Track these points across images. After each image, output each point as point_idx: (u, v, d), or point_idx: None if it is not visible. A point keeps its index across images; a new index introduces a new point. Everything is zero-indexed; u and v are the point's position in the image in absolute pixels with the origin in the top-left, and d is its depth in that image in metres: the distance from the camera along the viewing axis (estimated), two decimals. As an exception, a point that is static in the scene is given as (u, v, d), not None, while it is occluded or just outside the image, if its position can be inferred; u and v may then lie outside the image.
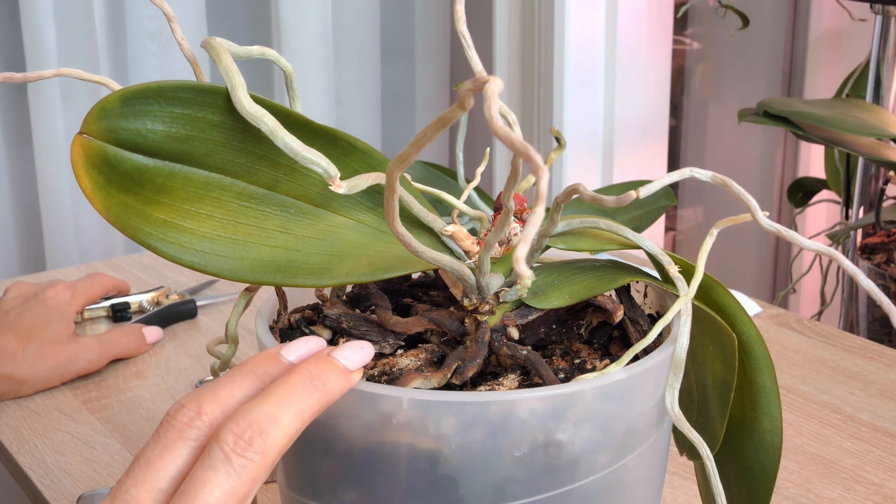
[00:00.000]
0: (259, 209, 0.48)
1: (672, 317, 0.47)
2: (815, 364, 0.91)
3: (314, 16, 1.54)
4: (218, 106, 0.47)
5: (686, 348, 0.47)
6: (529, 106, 1.62)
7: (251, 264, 0.47)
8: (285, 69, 0.52)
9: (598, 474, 0.46)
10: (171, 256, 0.46)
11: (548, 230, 0.49)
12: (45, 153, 1.41)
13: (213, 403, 0.42)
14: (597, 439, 0.46)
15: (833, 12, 1.66)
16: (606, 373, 0.45)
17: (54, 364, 0.86)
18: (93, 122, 0.45)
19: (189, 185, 0.47)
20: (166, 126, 0.46)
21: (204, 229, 0.47)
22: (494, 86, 0.35)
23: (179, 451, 0.41)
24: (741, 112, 1.20)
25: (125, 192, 0.46)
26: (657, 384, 0.48)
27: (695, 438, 0.46)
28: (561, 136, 0.61)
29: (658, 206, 1.02)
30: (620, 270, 0.52)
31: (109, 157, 0.46)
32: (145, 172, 0.46)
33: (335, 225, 0.50)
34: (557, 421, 0.44)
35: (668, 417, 0.48)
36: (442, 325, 0.50)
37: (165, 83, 0.46)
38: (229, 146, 0.47)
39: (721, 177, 0.48)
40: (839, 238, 1.30)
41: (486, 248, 0.47)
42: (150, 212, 0.46)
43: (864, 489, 0.72)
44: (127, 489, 0.40)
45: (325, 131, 0.49)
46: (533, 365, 0.48)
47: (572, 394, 0.45)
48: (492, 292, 0.49)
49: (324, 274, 0.48)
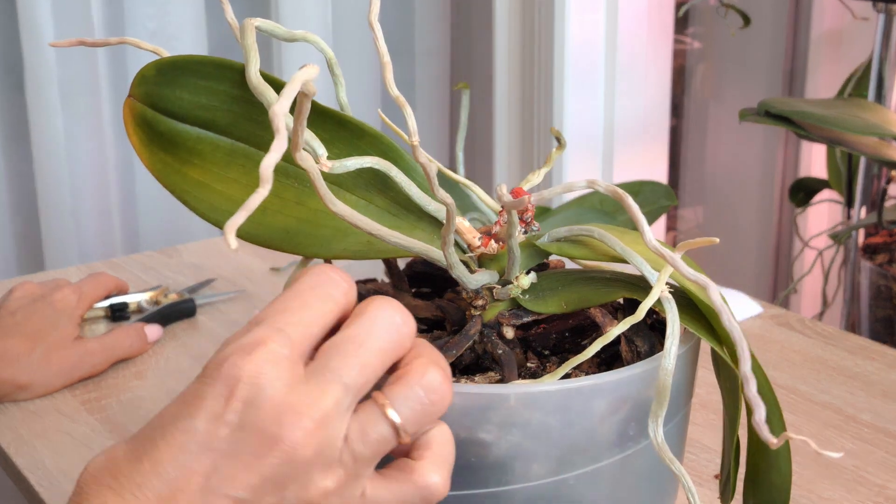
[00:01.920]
0: (279, 180, 0.52)
1: (616, 335, 0.46)
2: (817, 364, 0.90)
3: (314, 16, 1.54)
4: (235, 81, 0.51)
5: (671, 373, 0.45)
6: (529, 106, 1.61)
7: (266, 229, 0.51)
8: (326, 54, 0.55)
9: (532, 483, 0.46)
10: (202, 214, 0.51)
11: (511, 231, 0.49)
12: (43, 152, 1.41)
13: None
14: (528, 447, 0.46)
15: (835, 11, 1.66)
16: (537, 382, 0.45)
17: (58, 370, 0.86)
18: (136, 87, 0.50)
19: (217, 150, 0.51)
20: (192, 95, 0.51)
21: (231, 192, 0.51)
22: (303, 72, 0.39)
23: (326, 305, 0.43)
24: (742, 112, 1.20)
25: (164, 151, 0.51)
26: (614, 404, 0.46)
27: (676, 470, 0.45)
28: (561, 136, 0.61)
29: (658, 206, 1.01)
30: (619, 284, 0.51)
31: (148, 119, 0.50)
32: (178, 135, 0.51)
33: (346, 202, 0.52)
34: (478, 420, 0.45)
35: (651, 442, 0.46)
36: (446, 313, 0.51)
37: (192, 57, 0.51)
38: (250, 119, 0.51)
39: (619, 192, 0.47)
40: (841, 238, 1.30)
41: (444, 243, 0.48)
42: (186, 171, 0.51)
43: (866, 490, 0.72)
44: (281, 327, 0.42)
45: (332, 114, 0.52)
46: (502, 364, 0.48)
47: (493, 396, 0.45)
48: (469, 287, 0.50)
49: (324, 246, 0.51)
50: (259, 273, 1.10)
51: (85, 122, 1.42)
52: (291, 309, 0.42)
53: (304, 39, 0.53)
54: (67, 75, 1.40)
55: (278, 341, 0.41)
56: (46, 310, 0.89)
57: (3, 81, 1.44)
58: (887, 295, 1.16)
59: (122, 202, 1.49)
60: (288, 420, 0.40)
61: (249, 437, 0.40)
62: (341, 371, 0.41)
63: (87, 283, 0.96)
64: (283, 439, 0.40)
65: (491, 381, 0.49)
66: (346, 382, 0.41)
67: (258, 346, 0.41)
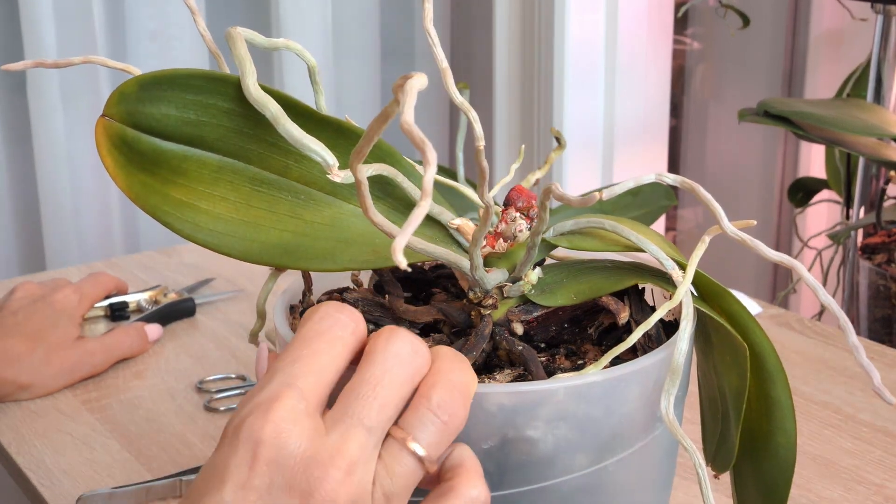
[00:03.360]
0: (270, 194, 0.50)
1: (654, 321, 0.46)
2: (816, 364, 0.90)
3: (314, 16, 1.54)
4: (228, 94, 0.49)
5: (685, 354, 0.46)
6: (529, 106, 1.62)
7: (261, 246, 0.49)
8: (309, 63, 0.53)
9: (576, 474, 0.46)
10: (187, 235, 0.49)
11: (538, 228, 0.49)
12: (45, 153, 1.41)
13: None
14: (573, 439, 0.46)
15: (834, 12, 1.66)
16: (583, 374, 0.45)
17: (59, 370, 0.86)
18: (113, 106, 0.48)
19: (203, 167, 0.49)
20: (179, 111, 0.49)
21: (218, 210, 0.49)
22: (415, 81, 0.37)
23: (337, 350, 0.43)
24: (741, 112, 1.20)
25: (144, 172, 0.48)
26: (645, 388, 0.47)
27: (688, 446, 0.45)
28: (561, 136, 0.61)
29: (658, 206, 1.01)
30: (628, 272, 0.52)
31: (128, 139, 0.48)
32: (161, 154, 0.49)
33: (343, 212, 0.51)
34: (527, 417, 0.45)
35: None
36: (450, 315, 0.51)
37: (178, 71, 0.49)
38: (240, 133, 0.49)
39: (689, 182, 0.48)
40: (840, 238, 1.30)
41: (473, 244, 0.47)
42: (167, 191, 0.49)
43: (865, 489, 0.72)
44: (295, 378, 0.41)
45: (332, 122, 0.51)
46: (525, 361, 0.48)
47: (543, 392, 0.45)
48: (488, 287, 0.50)
49: (328, 259, 0.50)
50: (258, 273, 1.10)
51: (86, 123, 1.42)
52: (302, 358, 0.42)
53: (286, 48, 0.52)
54: (68, 77, 1.40)
55: (294, 396, 0.40)
56: (47, 310, 0.89)
57: (4, 82, 1.45)
58: (885, 295, 1.16)
59: (122, 202, 1.49)
60: (316, 474, 0.39)
61: (280, 498, 0.39)
62: (362, 415, 0.41)
63: (88, 283, 0.96)
64: (314, 494, 0.39)
65: (513, 378, 0.49)
66: (368, 426, 0.41)
67: (274, 403, 0.40)
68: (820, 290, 0.46)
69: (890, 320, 1.17)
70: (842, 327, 0.45)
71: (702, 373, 0.54)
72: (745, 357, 0.47)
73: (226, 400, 0.85)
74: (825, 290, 0.47)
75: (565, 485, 0.46)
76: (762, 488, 0.51)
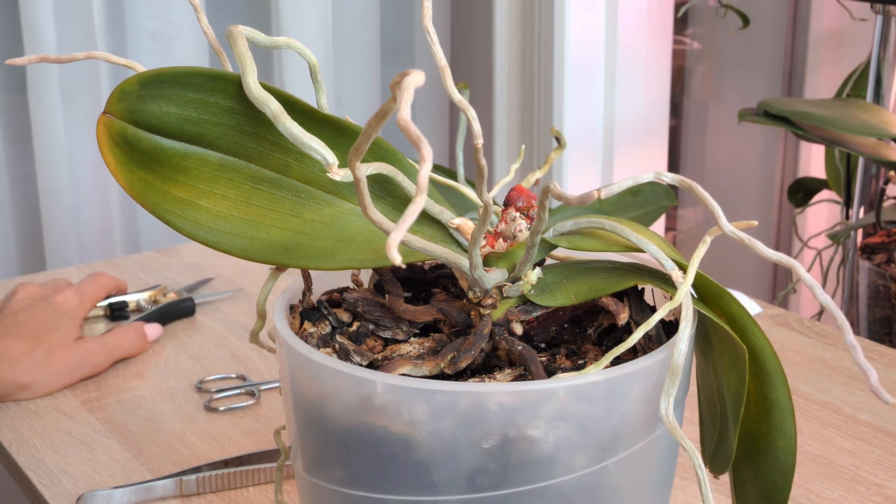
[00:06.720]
0: (271, 192, 0.50)
1: (655, 321, 0.46)
2: (816, 364, 0.90)
3: (314, 16, 1.54)
4: (229, 92, 0.49)
5: (685, 354, 0.46)
6: (529, 106, 1.62)
7: (261, 244, 0.49)
8: (310, 61, 0.53)
9: (576, 474, 0.46)
10: (188, 233, 0.49)
11: (538, 228, 0.49)
12: (45, 152, 1.41)
13: None
14: (574, 439, 0.46)
15: (833, 12, 1.66)
16: (584, 373, 0.46)
17: (59, 370, 0.86)
18: (114, 103, 0.48)
19: (204, 165, 0.49)
20: (180, 109, 0.49)
21: (219, 208, 0.49)
22: (413, 78, 0.37)
23: None
24: (741, 112, 1.20)
25: (145, 170, 0.49)
26: (646, 388, 0.47)
27: (687, 446, 0.45)
28: (561, 136, 0.61)
29: (658, 206, 1.02)
30: (628, 272, 0.52)
31: (129, 137, 0.48)
32: (162, 152, 0.49)
33: (344, 211, 0.51)
34: (528, 417, 0.45)
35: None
36: (449, 315, 0.51)
37: (180, 69, 0.49)
38: (241, 131, 0.50)
39: (687, 181, 0.48)
40: (839, 238, 1.30)
41: (472, 243, 0.47)
42: (168, 189, 0.49)
43: (865, 489, 0.72)
44: None
45: (332, 121, 0.51)
46: (525, 360, 0.48)
47: (544, 391, 0.45)
48: (488, 286, 0.50)
49: (328, 257, 0.50)
50: (257, 272, 1.10)
51: (86, 123, 1.42)
52: None
53: (287, 46, 0.52)
54: (68, 76, 1.40)
55: None
56: (48, 311, 0.90)
57: (4, 82, 1.45)
58: (885, 295, 1.16)
59: (122, 202, 1.49)
60: None
61: None
62: None
63: (88, 284, 0.96)
64: None
65: (513, 378, 0.49)
66: None
67: None
68: (817, 288, 0.46)
69: (889, 320, 1.17)
70: (839, 326, 0.46)
71: (701, 374, 0.54)
72: (743, 359, 0.47)
73: (226, 400, 0.85)
74: (823, 290, 0.47)
75: (566, 484, 0.46)
76: (761, 491, 0.51)
